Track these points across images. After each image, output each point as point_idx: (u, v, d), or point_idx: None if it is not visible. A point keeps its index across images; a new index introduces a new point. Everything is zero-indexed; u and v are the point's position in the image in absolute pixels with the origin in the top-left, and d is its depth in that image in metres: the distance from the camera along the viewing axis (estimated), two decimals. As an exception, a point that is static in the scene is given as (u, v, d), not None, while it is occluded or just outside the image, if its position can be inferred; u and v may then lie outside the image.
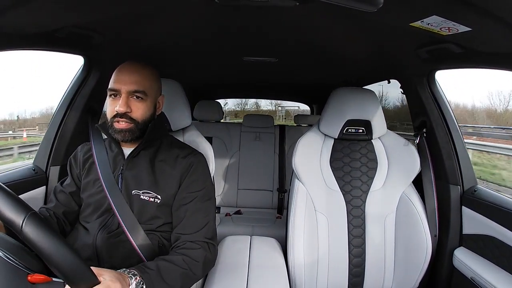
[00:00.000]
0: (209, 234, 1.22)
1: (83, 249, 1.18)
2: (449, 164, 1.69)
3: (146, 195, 1.22)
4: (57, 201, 1.32)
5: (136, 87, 1.19)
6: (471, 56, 1.30)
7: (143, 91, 1.21)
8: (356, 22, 1.27)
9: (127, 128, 1.20)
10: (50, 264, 0.71)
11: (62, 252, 0.71)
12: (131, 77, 1.20)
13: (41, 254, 0.70)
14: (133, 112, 1.20)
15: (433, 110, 1.72)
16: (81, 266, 0.74)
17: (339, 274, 1.63)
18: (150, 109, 1.25)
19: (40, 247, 0.69)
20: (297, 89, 3.77)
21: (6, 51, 1.22)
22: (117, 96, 1.20)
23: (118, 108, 1.17)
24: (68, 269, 0.71)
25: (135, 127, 1.21)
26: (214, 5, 1.11)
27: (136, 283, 0.91)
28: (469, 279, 1.48)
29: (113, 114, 1.20)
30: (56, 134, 1.72)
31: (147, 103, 1.24)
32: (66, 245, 0.73)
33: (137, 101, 1.21)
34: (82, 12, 1.16)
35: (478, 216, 1.53)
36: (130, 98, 1.20)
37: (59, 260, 0.70)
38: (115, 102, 1.20)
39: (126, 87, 1.18)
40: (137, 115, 1.21)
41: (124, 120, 1.19)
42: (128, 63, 1.25)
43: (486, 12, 0.88)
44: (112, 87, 1.20)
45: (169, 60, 2.15)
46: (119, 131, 1.20)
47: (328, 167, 1.72)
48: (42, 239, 0.70)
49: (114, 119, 1.20)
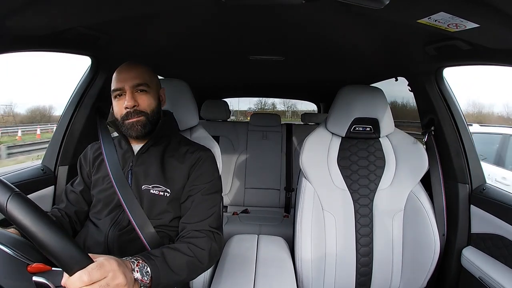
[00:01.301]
0: (214, 223, 1.23)
1: (95, 247, 1.19)
2: (457, 162, 1.67)
3: (155, 189, 1.24)
4: (68, 201, 1.34)
5: (138, 80, 1.23)
6: (479, 53, 1.29)
7: (145, 83, 1.25)
8: (363, 19, 1.27)
9: (139, 121, 1.23)
10: (37, 243, 0.69)
11: (48, 230, 0.69)
12: (131, 73, 1.24)
13: (26, 233, 0.69)
14: (140, 105, 1.23)
15: (441, 108, 1.71)
16: (70, 245, 0.71)
17: (347, 273, 1.62)
18: (155, 99, 1.29)
19: (24, 225, 0.68)
20: (304, 87, 3.75)
21: (15, 53, 1.24)
22: (122, 95, 1.24)
23: (126, 104, 1.21)
24: (56, 248, 0.69)
25: (145, 119, 1.24)
26: (220, 5, 1.11)
27: (140, 267, 0.90)
28: (477, 279, 1.46)
29: (123, 112, 1.23)
30: (65, 134, 1.74)
31: (151, 94, 1.27)
32: (53, 223, 0.71)
33: (141, 94, 1.24)
34: (89, 13, 1.17)
35: (487, 215, 1.51)
36: (134, 93, 1.23)
37: (45, 239, 0.68)
38: (121, 101, 1.23)
39: (129, 83, 1.22)
40: (144, 107, 1.24)
41: (134, 115, 1.22)
42: (124, 64, 1.29)
43: (494, 8, 0.87)
44: (115, 87, 1.24)
45: (176, 59, 2.16)
46: (131, 126, 1.23)
47: (335, 166, 1.71)
48: (26, 217, 0.68)
49: (124, 117, 1.23)
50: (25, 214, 0.69)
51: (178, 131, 1.49)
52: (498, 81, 20.66)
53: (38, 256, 0.85)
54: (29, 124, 19.59)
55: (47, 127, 18.28)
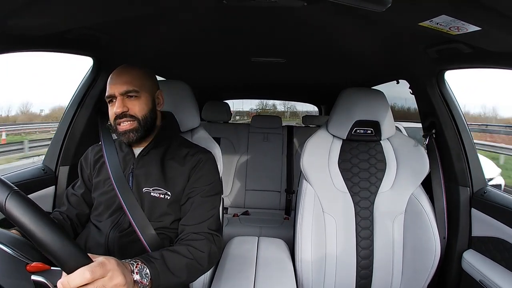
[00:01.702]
0: (213, 225, 1.23)
1: (96, 248, 1.19)
2: (458, 165, 1.67)
3: (156, 192, 1.24)
4: (69, 204, 1.34)
5: (126, 87, 1.22)
6: (481, 56, 1.29)
7: (134, 89, 1.23)
8: (365, 22, 1.27)
9: (130, 128, 1.22)
10: (35, 241, 0.69)
11: (47, 229, 0.68)
12: (121, 79, 1.23)
13: (25, 232, 0.69)
14: (130, 110, 1.22)
15: (442, 110, 1.70)
16: (68, 244, 0.71)
17: (347, 276, 1.62)
18: (147, 104, 1.27)
19: (22, 223, 0.68)
20: (305, 89, 3.76)
21: (16, 53, 1.24)
22: (113, 101, 1.24)
23: (115, 110, 1.21)
24: (55, 247, 0.69)
25: (137, 124, 1.23)
26: (222, 6, 1.11)
27: (139, 269, 0.90)
28: (478, 282, 1.46)
29: (114, 117, 1.23)
30: (66, 134, 1.74)
31: (142, 99, 1.25)
32: (52, 222, 0.71)
33: (131, 100, 1.23)
34: (91, 14, 1.18)
35: (488, 218, 1.51)
36: (125, 99, 1.22)
37: (44, 237, 0.68)
38: (113, 107, 1.23)
39: (118, 89, 1.21)
40: (135, 112, 1.23)
41: (124, 120, 1.22)
42: (117, 68, 1.28)
43: (496, 12, 0.87)
44: (107, 95, 1.24)
45: (177, 61, 2.17)
46: (123, 133, 1.22)
47: (336, 168, 1.71)
48: (24, 216, 0.68)
49: (115, 121, 1.23)
50: (23, 213, 0.69)
51: (179, 133, 1.49)
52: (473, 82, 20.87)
53: (37, 256, 0.85)
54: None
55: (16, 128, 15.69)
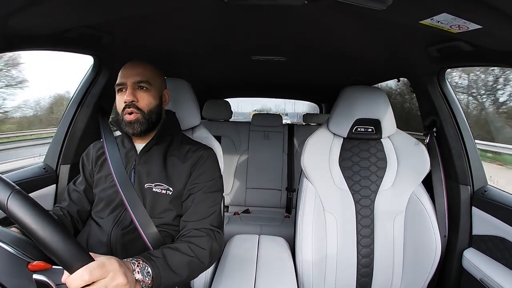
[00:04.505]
0: (215, 222, 1.24)
1: (98, 247, 1.20)
2: (459, 164, 1.67)
3: (158, 188, 1.25)
4: (70, 200, 1.34)
5: (139, 77, 1.25)
6: (482, 54, 1.29)
7: (146, 80, 1.26)
8: (365, 20, 1.26)
9: (135, 119, 1.24)
10: (37, 240, 0.69)
11: (48, 228, 0.68)
12: (134, 70, 1.27)
13: (27, 231, 0.69)
14: (139, 101, 1.25)
15: (443, 109, 1.70)
16: (70, 243, 0.70)
17: (347, 274, 1.62)
18: (155, 99, 1.30)
19: (25, 222, 0.68)
20: (306, 88, 3.75)
21: (18, 51, 1.24)
22: (123, 90, 1.26)
23: (125, 98, 1.23)
24: (57, 246, 0.69)
25: (142, 117, 1.25)
26: (222, 5, 1.11)
27: (141, 268, 0.90)
28: (478, 281, 1.46)
29: (123, 106, 1.25)
30: (66, 133, 1.74)
31: (152, 93, 1.29)
32: (54, 221, 0.71)
33: (142, 91, 1.26)
34: (92, 13, 1.18)
35: (488, 216, 1.51)
36: (135, 89, 1.25)
37: (46, 236, 0.68)
38: (123, 96, 1.25)
39: (131, 79, 1.25)
40: (143, 105, 1.26)
41: (131, 110, 1.23)
42: (131, 61, 1.31)
43: (497, 10, 0.87)
44: (118, 82, 1.27)
45: (178, 59, 2.17)
46: (129, 123, 1.24)
47: (337, 166, 1.71)
48: (26, 215, 0.68)
49: (123, 111, 1.25)
50: (25, 212, 0.68)
51: (180, 131, 1.50)
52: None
53: (39, 254, 0.85)
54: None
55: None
